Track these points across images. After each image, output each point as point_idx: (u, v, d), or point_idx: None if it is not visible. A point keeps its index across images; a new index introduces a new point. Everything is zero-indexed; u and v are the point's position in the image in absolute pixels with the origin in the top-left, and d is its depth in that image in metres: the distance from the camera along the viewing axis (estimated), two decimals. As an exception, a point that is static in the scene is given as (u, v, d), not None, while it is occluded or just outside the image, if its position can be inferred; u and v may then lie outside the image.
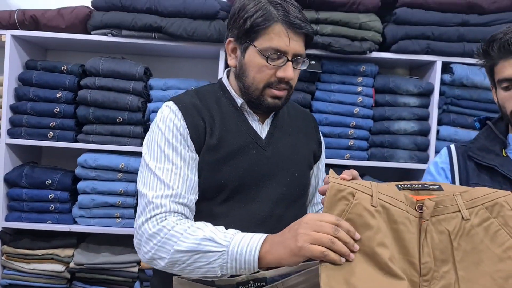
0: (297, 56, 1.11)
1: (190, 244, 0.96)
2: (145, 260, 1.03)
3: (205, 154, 1.11)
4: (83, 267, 2.04)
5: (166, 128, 1.11)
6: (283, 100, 1.15)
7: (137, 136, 2.07)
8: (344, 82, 2.11)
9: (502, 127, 1.31)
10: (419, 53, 2.05)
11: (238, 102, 1.18)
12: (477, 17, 2.04)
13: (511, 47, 1.16)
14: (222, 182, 1.10)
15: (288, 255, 0.88)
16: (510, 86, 1.19)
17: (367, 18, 2.01)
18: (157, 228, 1.00)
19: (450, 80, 2.07)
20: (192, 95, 1.18)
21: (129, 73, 2.05)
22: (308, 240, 0.84)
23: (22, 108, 2.07)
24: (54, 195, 2.06)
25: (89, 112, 2.05)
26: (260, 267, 0.93)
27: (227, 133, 1.13)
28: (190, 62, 2.42)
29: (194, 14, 2.00)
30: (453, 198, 0.94)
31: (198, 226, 0.99)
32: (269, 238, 0.94)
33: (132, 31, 2.02)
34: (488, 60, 1.24)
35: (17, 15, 2.03)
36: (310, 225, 0.86)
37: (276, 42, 1.08)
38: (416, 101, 2.12)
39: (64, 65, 2.10)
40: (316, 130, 1.33)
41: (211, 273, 0.96)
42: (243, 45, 1.13)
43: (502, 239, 0.88)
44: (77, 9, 2.05)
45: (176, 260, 0.97)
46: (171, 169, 1.07)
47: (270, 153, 1.16)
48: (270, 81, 1.11)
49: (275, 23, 1.08)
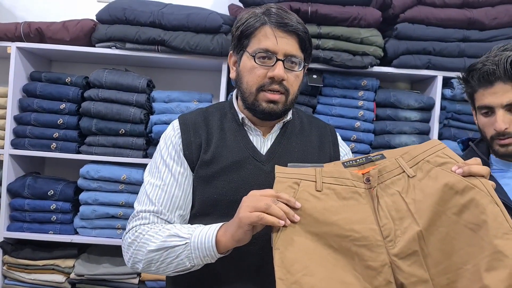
0: (288, 56, 1.11)
1: (159, 243, 1.03)
2: (128, 266, 1.11)
3: (199, 169, 1.14)
4: (84, 278, 2.05)
5: (164, 145, 1.18)
6: (280, 105, 1.13)
7: (139, 148, 2.09)
8: (345, 96, 2.12)
9: (484, 148, 1.36)
10: (420, 68, 2.07)
11: (239, 117, 1.19)
12: (477, 33, 2.05)
13: (490, 78, 1.21)
14: (215, 197, 1.12)
15: (235, 229, 0.95)
16: (489, 113, 1.25)
17: (368, 33, 2.03)
18: (135, 236, 1.08)
19: (451, 95, 2.08)
20: (199, 112, 1.23)
21: (132, 85, 2.07)
22: (246, 210, 0.93)
23: (26, 119, 2.09)
24: (56, 205, 2.07)
25: (92, 123, 2.07)
26: (220, 252, 0.99)
27: (223, 148, 1.15)
28: (193, 74, 2.44)
29: (197, 28, 2.02)
30: (395, 162, 1.02)
31: (167, 227, 1.06)
32: (224, 224, 1.01)
33: (136, 44, 2.04)
34: (468, 87, 1.30)
35: (22, 27, 2.06)
36: (251, 199, 0.95)
37: (264, 43, 1.11)
38: (417, 116, 2.12)
39: (68, 77, 2.12)
40: (334, 145, 1.28)
41: (181, 266, 1.03)
42: (239, 54, 1.17)
43: (444, 178, 0.95)
44: (82, 22, 2.07)
45: (150, 260, 1.04)
46: (159, 185, 1.13)
47: (270, 168, 1.14)
48: (262, 83, 1.11)
49: (263, 25, 1.12)
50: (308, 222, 0.95)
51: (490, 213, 0.87)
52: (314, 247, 0.93)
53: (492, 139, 1.26)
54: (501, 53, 1.23)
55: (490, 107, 1.24)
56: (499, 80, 1.21)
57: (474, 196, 0.91)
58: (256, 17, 1.13)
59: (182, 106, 2.11)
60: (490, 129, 1.25)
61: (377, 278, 0.91)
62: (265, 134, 1.20)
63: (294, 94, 1.16)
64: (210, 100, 2.16)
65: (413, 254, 0.92)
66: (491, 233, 0.85)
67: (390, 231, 0.94)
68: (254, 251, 1.07)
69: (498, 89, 1.21)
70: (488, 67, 1.21)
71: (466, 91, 1.34)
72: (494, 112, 1.23)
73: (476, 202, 0.90)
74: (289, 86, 1.13)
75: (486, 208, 0.88)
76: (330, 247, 0.94)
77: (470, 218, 0.90)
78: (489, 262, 0.83)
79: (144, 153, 2.10)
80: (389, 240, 0.94)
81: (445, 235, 0.91)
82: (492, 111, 1.24)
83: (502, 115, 1.21)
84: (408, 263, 0.91)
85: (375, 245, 0.93)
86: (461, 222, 0.91)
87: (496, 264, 0.82)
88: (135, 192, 2.07)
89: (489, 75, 1.22)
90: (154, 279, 2.06)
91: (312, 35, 1.99)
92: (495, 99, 1.22)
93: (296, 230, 0.94)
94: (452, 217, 0.92)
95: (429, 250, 0.91)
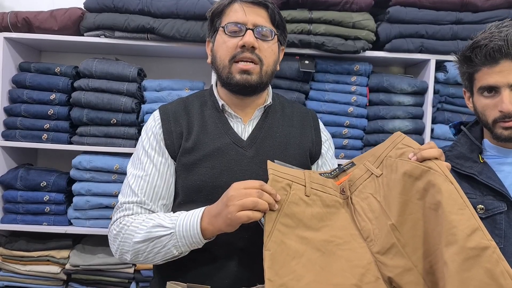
0: (258, 26, 1.14)
1: (144, 234, 1.05)
2: (117, 257, 1.12)
3: (181, 157, 1.14)
4: (79, 268, 2.05)
5: (145, 136, 1.19)
6: (254, 76, 1.13)
7: (131, 138, 2.07)
8: (338, 81, 2.10)
9: (478, 132, 1.31)
10: (413, 52, 2.05)
11: (219, 104, 1.20)
12: (470, 15, 2.03)
13: (496, 55, 1.14)
14: (198, 183, 1.12)
15: (225, 225, 0.98)
16: (494, 93, 1.18)
17: (360, 17, 2.00)
18: (119, 227, 1.09)
19: (444, 79, 2.06)
20: (179, 102, 1.24)
21: (122, 74, 2.05)
22: (235, 209, 0.95)
23: (16, 111, 2.07)
24: (49, 197, 2.06)
25: (83, 114, 2.05)
26: (206, 239, 1.03)
27: (204, 135, 1.15)
28: (184, 62, 2.42)
29: (186, 15, 1.99)
30: (363, 167, 1.06)
31: (151, 217, 1.07)
32: (206, 211, 1.03)
33: (125, 32, 2.02)
34: (470, 67, 1.22)
35: (9, 17, 2.03)
36: (236, 195, 0.96)
37: (234, 16, 1.15)
38: (410, 100, 2.11)
39: (57, 66, 2.10)
40: (315, 129, 1.30)
41: (169, 255, 1.05)
42: (213, 36, 1.21)
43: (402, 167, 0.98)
44: (69, 11, 2.04)
45: (137, 251, 1.06)
46: (141, 176, 1.14)
47: (252, 153, 1.16)
48: (234, 53, 1.13)
49: (232, 3, 1.17)
50: (298, 226, 0.98)
51: (445, 191, 0.90)
52: (303, 251, 0.95)
53: (494, 122, 1.19)
54: (507, 29, 1.15)
55: (495, 87, 1.16)
56: (506, 58, 1.14)
57: (430, 178, 0.93)
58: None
59: (174, 94, 2.09)
60: (493, 111, 1.18)
61: (366, 275, 0.93)
62: (246, 120, 1.21)
63: (269, 66, 1.17)
64: (202, 88, 2.14)
65: (392, 247, 0.94)
66: (447, 209, 0.87)
67: (369, 232, 0.98)
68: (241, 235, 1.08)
69: (504, 67, 1.14)
70: (495, 43, 1.13)
71: (465, 71, 1.25)
72: (499, 92, 1.16)
73: (433, 183, 0.92)
74: (262, 56, 1.14)
75: (441, 187, 0.90)
76: (318, 250, 0.96)
77: (430, 199, 0.92)
78: (447, 238, 0.85)
79: (136, 142, 2.09)
80: (369, 240, 0.98)
81: (416, 221, 0.93)
82: (496, 91, 1.17)
83: (508, 95, 1.14)
84: (390, 257, 0.94)
85: (358, 247, 0.97)
86: (426, 205, 0.93)
87: (452, 239, 0.84)
88: (128, 182, 2.07)
89: (495, 52, 1.14)
90: (149, 269, 2.06)
91: (304, 20, 1.98)
92: (501, 78, 1.14)
93: (286, 233, 0.96)
94: (417, 202, 0.94)
95: (405, 239, 0.93)
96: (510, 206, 1.18)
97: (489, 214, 1.19)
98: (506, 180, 1.21)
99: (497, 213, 1.18)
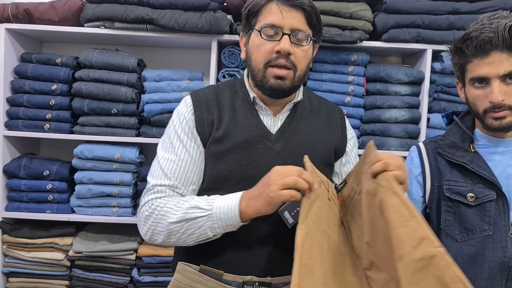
0: (295, 30, 1.12)
1: (180, 215, 1.07)
2: (146, 239, 1.14)
3: (211, 146, 1.16)
4: (82, 255, 2.10)
5: (177, 121, 1.20)
6: (287, 82, 1.14)
7: (132, 127, 2.11)
8: (335, 71, 2.12)
9: (469, 122, 1.33)
10: (409, 42, 2.06)
11: (250, 96, 1.21)
12: (467, 4, 2.04)
13: (487, 46, 1.15)
14: (225, 173, 1.14)
15: (264, 205, 1.00)
16: (484, 84, 1.19)
17: (357, 8, 2.02)
18: (152, 209, 1.11)
19: (441, 69, 2.08)
20: (210, 90, 1.25)
21: (122, 65, 2.08)
22: (278, 188, 0.97)
23: (18, 101, 2.11)
24: (52, 185, 2.11)
25: (84, 104, 2.08)
26: (243, 221, 1.05)
27: (234, 126, 1.17)
28: (183, 53, 2.44)
29: (185, 6, 2.01)
30: (349, 186, 1.08)
31: (185, 199, 1.10)
32: (245, 194, 1.05)
33: (124, 23, 2.04)
34: (461, 58, 1.24)
35: (10, 8, 2.05)
36: (277, 175, 0.99)
37: (270, 18, 1.13)
38: (407, 90, 2.13)
39: (58, 57, 2.13)
40: (341, 127, 1.30)
41: (203, 236, 1.07)
42: (248, 33, 1.20)
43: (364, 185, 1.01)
44: (69, 2, 2.06)
45: (171, 231, 1.08)
46: (174, 160, 1.16)
47: (280, 147, 1.17)
48: (269, 58, 1.12)
49: (269, 2, 1.14)
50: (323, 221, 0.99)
51: (391, 206, 0.90)
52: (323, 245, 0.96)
53: (485, 112, 1.20)
54: (498, 20, 1.16)
55: (486, 78, 1.18)
56: (496, 49, 1.15)
57: (380, 195, 0.95)
58: None
59: (173, 84, 2.12)
60: (484, 102, 1.20)
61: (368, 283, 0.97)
62: (276, 114, 1.22)
63: (302, 70, 1.16)
64: (201, 78, 2.17)
65: (372, 263, 0.96)
66: (393, 225, 0.88)
67: (360, 250, 1.01)
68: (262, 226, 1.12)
69: (494, 58, 1.15)
70: (486, 35, 1.15)
71: (456, 62, 1.27)
72: (489, 83, 1.17)
73: (382, 200, 0.93)
74: (296, 62, 1.14)
75: (388, 203, 0.91)
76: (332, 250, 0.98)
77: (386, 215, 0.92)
78: (397, 253, 0.85)
79: (136, 132, 2.12)
80: (360, 257, 1.01)
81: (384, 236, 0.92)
82: (487, 82, 1.18)
83: (498, 86, 1.16)
84: (373, 272, 0.96)
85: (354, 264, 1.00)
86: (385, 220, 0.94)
87: (400, 254, 0.85)
88: (129, 171, 2.11)
89: (486, 44, 1.15)
90: (150, 255, 2.11)
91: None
92: (492, 69, 1.16)
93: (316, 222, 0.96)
94: (380, 218, 0.95)
95: (380, 254, 0.94)
96: (499, 195, 1.21)
97: (479, 202, 1.22)
98: (496, 169, 1.24)
99: (487, 201, 1.21)
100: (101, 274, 2.14)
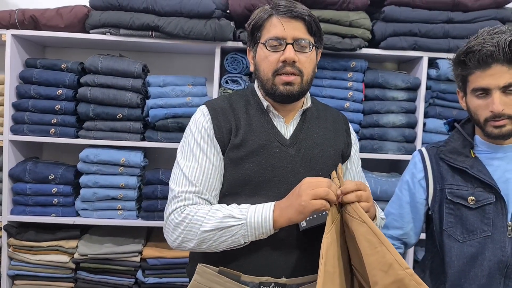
0: (297, 39, 1.20)
1: (214, 224, 1.12)
2: (174, 246, 1.18)
3: (230, 152, 1.22)
4: (87, 257, 2.13)
5: (196, 130, 1.25)
6: (296, 86, 1.21)
7: (137, 132, 2.15)
8: (335, 77, 2.19)
9: (470, 129, 1.41)
10: (406, 49, 2.14)
11: (264, 105, 1.28)
12: (461, 14, 2.13)
13: (488, 60, 1.23)
14: (245, 177, 1.20)
15: (296, 214, 1.07)
16: (485, 95, 1.27)
17: (357, 16, 2.09)
18: (182, 217, 1.15)
19: (436, 75, 2.16)
20: (223, 100, 1.31)
21: (127, 70, 2.12)
22: (309, 198, 1.04)
23: (23, 106, 2.13)
24: (57, 189, 2.14)
25: (90, 109, 2.12)
26: (275, 229, 1.12)
27: (251, 133, 1.23)
28: (187, 58, 2.48)
29: (190, 14, 2.06)
30: None
31: (216, 208, 1.15)
32: (277, 204, 1.12)
33: (130, 30, 2.08)
34: (463, 69, 1.32)
35: (17, 15, 2.07)
36: (308, 185, 1.06)
37: (273, 31, 1.20)
38: (404, 95, 2.21)
39: (63, 63, 2.15)
40: (346, 132, 1.38)
41: (234, 243, 1.13)
42: (254, 47, 1.28)
43: None
44: (75, 9, 2.10)
45: (203, 239, 1.13)
46: (196, 168, 1.20)
47: (294, 152, 1.23)
48: (277, 68, 1.20)
49: (270, 16, 1.22)
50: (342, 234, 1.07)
51: (360, 235, 0.99)
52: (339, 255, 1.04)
53: (486, 121, 1.27)
54: (498, 35, 1.24)
55: (487, 89, 1.26)
56: (497, 62, 1.23)
57: (351, 225, 1.03)
58: (265, 11, 1.23)
59: (177, 90, 2.16)
60: (485, 111, 1.27)
61: None
62: (288, 120, 1.29)
63: (308, 75, 1.24)
64: (204, 84, 2.22)
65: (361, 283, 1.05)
66: (365, 253, 0.96)
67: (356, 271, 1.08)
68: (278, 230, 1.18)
69: (495, 71, 1.23)
70: (487, 49, 1.23)
71: (459, 73, 1.35)
72: (490, 94, 1.25)
73: (353, 229, 1.02)
74: (302, 68, 1.21)
75: (357, 232, 0.99)
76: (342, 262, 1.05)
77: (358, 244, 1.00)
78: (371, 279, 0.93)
79: (141, 136, 2.17)
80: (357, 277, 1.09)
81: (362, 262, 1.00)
82: (488, 93, 1.26)
83: (498, 97, 1.23)
84: None
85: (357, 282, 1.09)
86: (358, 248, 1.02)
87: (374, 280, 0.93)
88: (134, 175, 2.15)
89: (487, 57, 1.23)
90: (155, 257, 2.15)
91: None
92: (493, 80, 1.23)
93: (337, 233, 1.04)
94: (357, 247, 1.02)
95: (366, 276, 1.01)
96: (498, 198, 1.29)
97: (479, 205, 1.30)
98: (495, 173, 1.32)
99: (487, 204, 1.29)
100: (106, 276, 2.17)
